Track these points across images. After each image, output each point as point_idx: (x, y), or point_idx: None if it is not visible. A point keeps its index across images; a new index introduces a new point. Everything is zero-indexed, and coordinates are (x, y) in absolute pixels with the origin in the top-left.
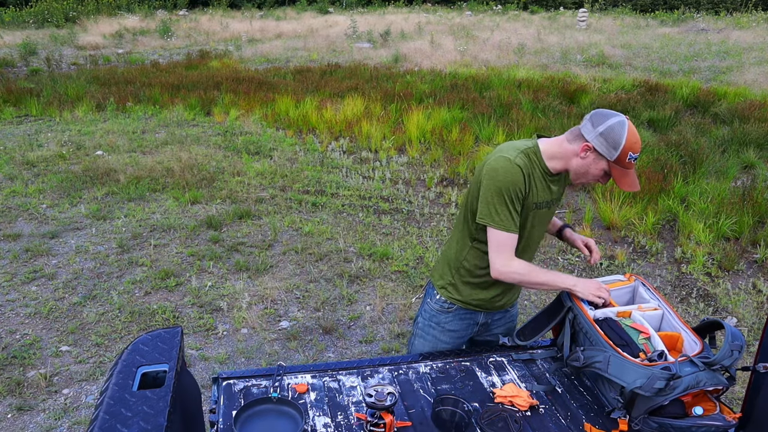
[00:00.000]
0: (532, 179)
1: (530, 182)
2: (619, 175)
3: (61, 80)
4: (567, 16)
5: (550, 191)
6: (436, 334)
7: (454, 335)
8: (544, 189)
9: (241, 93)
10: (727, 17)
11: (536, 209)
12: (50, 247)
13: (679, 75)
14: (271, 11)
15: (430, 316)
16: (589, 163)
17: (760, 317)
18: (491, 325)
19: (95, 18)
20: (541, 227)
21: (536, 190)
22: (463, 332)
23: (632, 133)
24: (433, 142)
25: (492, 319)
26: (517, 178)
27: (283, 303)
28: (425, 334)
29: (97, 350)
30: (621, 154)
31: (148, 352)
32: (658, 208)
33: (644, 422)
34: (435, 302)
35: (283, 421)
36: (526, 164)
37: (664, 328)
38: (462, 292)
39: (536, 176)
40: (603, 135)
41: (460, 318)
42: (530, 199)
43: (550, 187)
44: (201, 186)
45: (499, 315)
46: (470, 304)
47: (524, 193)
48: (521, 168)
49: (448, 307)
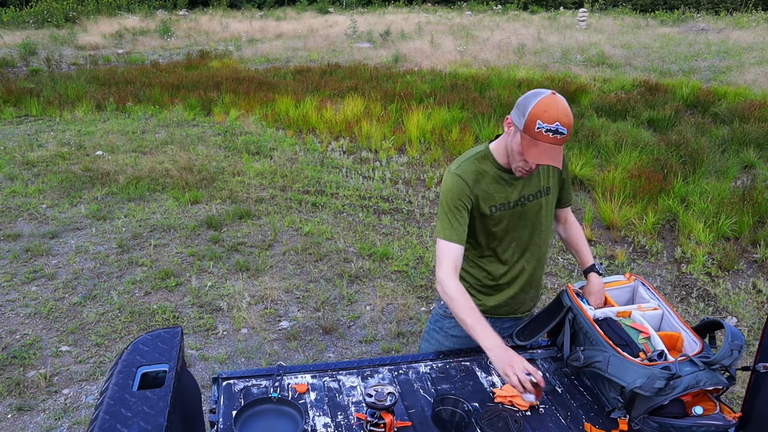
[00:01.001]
0: (480, 184)
1: (477, 187)
2: (526, 144)
3: (61, 80)
4: (567, 16)
5: (513, 189)
6: (439, 339)
7: (458, 341)
8: (502, 189)
9: (241, 93)
10: (727, 17)
11: (502, 211)
12: (50, 247)
13: (679, 75)
14: (271, 11)
15: (435, 320)
16: (512, 138)
17: (760, 317)
18: (501, 334)
19: (95, 18)
20: (530, 227)
21: (490, 192)
22: (467, 338)
23: (545, 103)
24: (433, 142)
25: (501, 326)
26: (456, 188)
27: (283, 303)
28: (430, 338)
29: (97, 350)
30: (528, 121)
31: (148, 352)
32: (658, 208)
33: (644, 422)
34: (440, 307)
35: (283, 421)
36: (470, 171)
37: (664, 327)
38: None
39: (488, 179)
40: (517, 106)
41: None
42: (484, 204)
43: (512, 185)
44: (201, 186)
45: (508, 323)
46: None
47: (471, 200)
48: (461, 176)
49: (450, 313)
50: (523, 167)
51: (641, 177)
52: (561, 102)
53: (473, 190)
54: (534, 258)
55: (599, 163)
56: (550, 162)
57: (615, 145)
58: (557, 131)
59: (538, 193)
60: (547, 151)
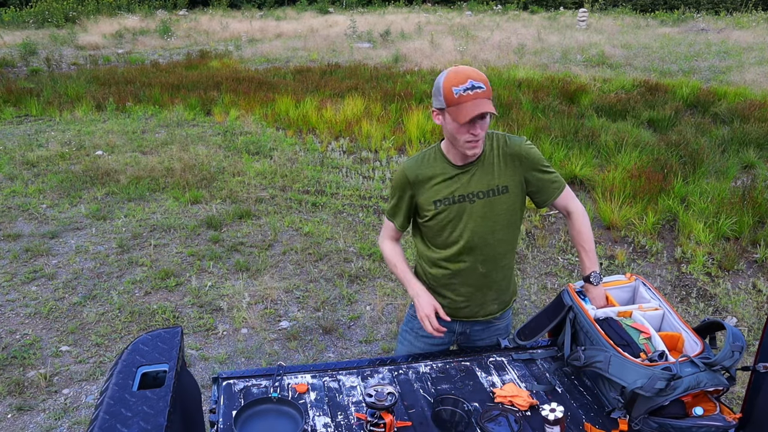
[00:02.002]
0: (422, 178)
1: (420, 181)
2: (454, 113)
3: (61, 80)
4: (567, 16)
5: (458, 185)
6: (411, 340)
7: (429, 341)
8: (447, 185)
9: (241, 93)
10: (727, 17)
11: (444, 204)
12: (50, 247)
13: (679, 75)
14: (271, 11)
15: (406, 321)
16: (444, 125)
17: (760, 317)
18: (472, 337)
19: (95, 18)
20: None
21: (432, 187)
22: (439, 340)
23: (452, 72)
24: (433, 142)
25: (472, 329)
26: (398, 179)
27: (283, 303)
28: (403, 339)
29: (97, 350)
30: (445, 95)
31: (148, 352)
32: (658, 208)
33: (644, 422)
34: (411, 308)
35: (283, 421)
36: (414, 167)
37: (665, 328)
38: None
39: (435, 173)
40: (433, 94)
41: None
42: (425, 197)
43: (459, 180)
44: (201, 186)
45: (479, 327)
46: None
47: (409, 192)
48: (404, 171)
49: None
50: (467, 139)
51: (641, 177)
52: (466, 67)
53: (413, 184)
54: (489, 259)
55: (599, 163)
56: (478, 111)
57: (615, 145)
58: (473, 87)
59: (490, 191)
60: (473, 107)
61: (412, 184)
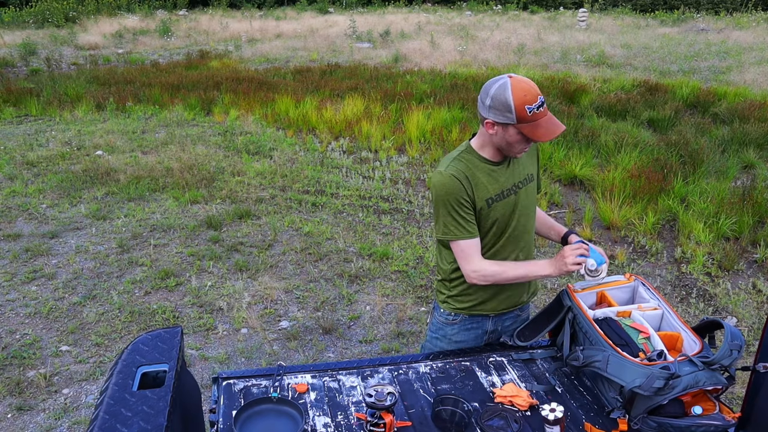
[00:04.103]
0: (473, 179)
1: (472, 183)
2: (530, 130)
3: (61, 80)
4: (567, 16)
5: (504, 178)
6: (443, 347)
7: (463, 345)
8: (494, 181)
9: (240, 93)
10: (727, 17)
11: (497, 201)
12: (50, 247)
13: (679, 75)
14: (271, 11)
15: (437, 328)
16: (502, 135)
17: (760, 317)
18: (503, 332)
19: (95, 18)
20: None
21: (484, 186)
22: (471, 342)
23: (518, 88)
24: (433, 142)
25: (502, 325)
26: (452, 187)
27: (283, 303)
28: (433, 347)
29: (97, 350)
30: (518, 113)
31: (148, 352)
32: (658, 208)
33: (643, 422)
34: (440, 315)
35: (283, 421)
36: (460, 169)
37: (664, 327)
38: (464, 301)
39: (479, 173)
40: (492, 107)
41: (466, 328)
42: (480, 197)
43: (501, 175)
44: (201, 186)
45: (509, 321)
46: (476, 310)
47: (469, 196)
48: (454, 175)
49: (453, 319)
50: (521, 149)
51: (641, 177)
52: (525, 80)
53: (468, 186)
54: (527, 245)
55: (599, 163)
56: (559, 130)
57: (615, 145)
58: (542, 104)
59: (525, 179)
60: (550, 124)
61: (467, 186)
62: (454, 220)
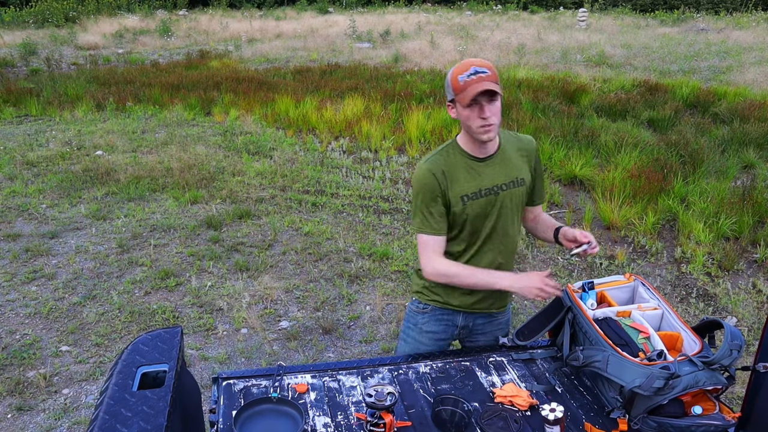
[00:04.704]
0: (450, 175)
1: (449, 178)
2: (462, 98)
3: (61, 80)
4: (567, 16)
5: (484, 177)
6: (415, 336)
7: (433, 336)
8: (472, 178)
9: (240, 93)
10: (727, 17)
11: (473, 200)
12: (50, 247)
13: (679, 75)
14: (271, 11)
15: (409, 318)
16: (458, 115)
17: (760, 317)
18: (474, 330)
19: (95, 18)
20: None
21: (461, 182)
22: (442, 334)
23: (458, 65)
24: (433, 142)
25: (474, 323)
26: (426, 181)
27: (283, 303)
28: (406, 337)
29: (97, 350)
30: (453, 85)
31: (148, 352)
32: (658, 208)
33: (643, 422)
34: (412, 303)
35: (283, 421)
36: (439, 163)
37: (664, 327)
38: (436, 293)
39: (459, 169)
40: (445, 89)
41: (436, 319)
42: (455, 194)
43: (483, 173)
44: (201, 186)
45: (482, 320)
46: (449, 304)
47: (442, 192)
48: (431, 170)
49: (423, 308)
50: (479, 124)
51: (641, 177)
52: (472, 58)
53: (443, 181)
54: (508, 250)
55: (599, 163)
56: (481, 89)
57: (615, 145)
58: (476, 72)
59: (512, 183)
60: (477, 86)
61: (441, 181)
62: (422, 214)
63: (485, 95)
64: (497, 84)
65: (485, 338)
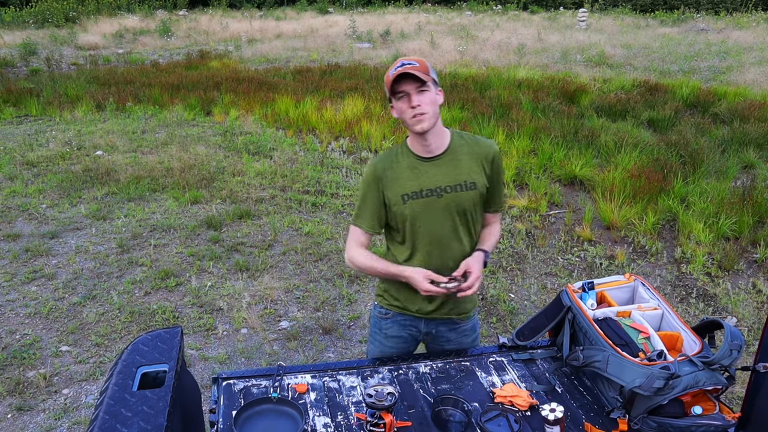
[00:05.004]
0: (392, 172)
1: (390, 176)
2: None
3: (61, 80)
4: (567, 16)
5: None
6: (381, 340)
7: (398, 341)
8: (415, 177)
9: (241, 93)
10: (727, 17)
11: (413, 199)
12: (50, 247)
13: (679, 75)
14: (271, 11)
15: (374, 322)
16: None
17: (760, 317)
18: (438, 337)
19: (95, 18)
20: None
21: (402, 181)
22: (408, 338)
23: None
24: None
25: (437, 329)
26: (367, 178)
27: (283, 303)
28: (373, 340)
29: (97, 350)
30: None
31: (148, 352)
32: (658, 208)
33: (643, 422)
34: (375, 308)
35: (283, 421)
36: (384, 161)
37: (664, 327)
38: (396, 298)
39: (402, 168)
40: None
41: (400, 324)
42: (395, 192)
43: (426, 173)
44: (201, 186)
45: (445, 327)
46: (408, 310)
47: (381, 188)
48: (375, 165)
49: (385, 313)
50: (411, 114)
51: (641, 177)
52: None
53: (383, 179)
54: (457, 255)
55: (599, 163)
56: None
57: (615, 145)
58: (403, 64)
59: (459, 186)
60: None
61: (381, 177)
62: (358, 207)
63: (412, 84)
64: (426, 75)
65: (451, 345)
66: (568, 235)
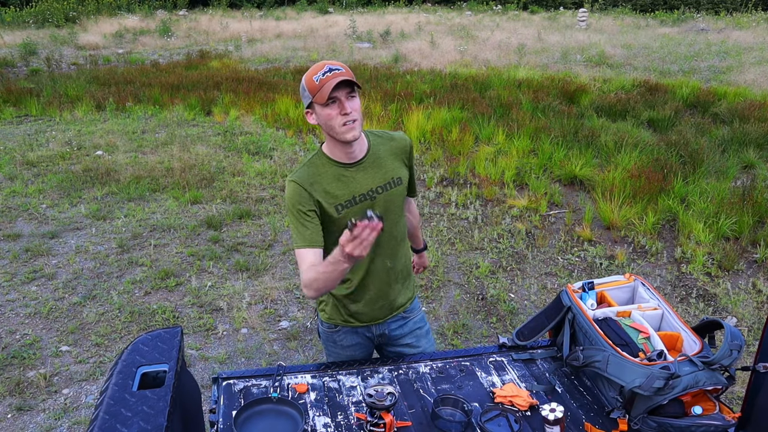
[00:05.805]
0: (318, 185)
1: (317, 189)
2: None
3: (61, 80)
4: (567, 16)
5: (356, 183)
6: (338, 351)
7: (357, 347)
8: (344, 186)
9: (241, 93)
10: (727, 17)
11: (347, 208)
12: (50, 247)
13: (679, 75)
14: (271, 11)
15: (325, 339)
16: (318, 120)
17: (760, 317)
18: (393, 335)
19: (95, 18)
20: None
21: (331, 192)
22: (364, 343)
23: (310, 69)
24: (433, 142)
25: (389, 328)
26: (293, 196)
27: (283, 303)
28: (330, 353)
29: (97, 350)
30: (309, 86)
31: (148, 352)
32: (658, 208)
33: (643, 422)
34: (322, 325)
35: (283, 421)
36: (305, 176)
37: (664, 327)
38: (340, 312)
39: (328, 179)
40: (301, 96)
41: (352, 332)
42: (328, 204)
43: (354, 179)
44: (201, 186)
45: (395, 324)
46: (352, 320)
47: (311, 203)
48: (296, 182)
49: (335, 328)
50: (342, 122)
51: (641, 177)
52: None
53: (312, 194)
54: (393, 252)
55: (599, 163)
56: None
57: (615, 145)
58: (330, 70)
59: (388, 184)
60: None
61: (311, 192)
62: (296, 229)
63: (343, 90)
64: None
65: (408, 340)
66: (568, 235)
